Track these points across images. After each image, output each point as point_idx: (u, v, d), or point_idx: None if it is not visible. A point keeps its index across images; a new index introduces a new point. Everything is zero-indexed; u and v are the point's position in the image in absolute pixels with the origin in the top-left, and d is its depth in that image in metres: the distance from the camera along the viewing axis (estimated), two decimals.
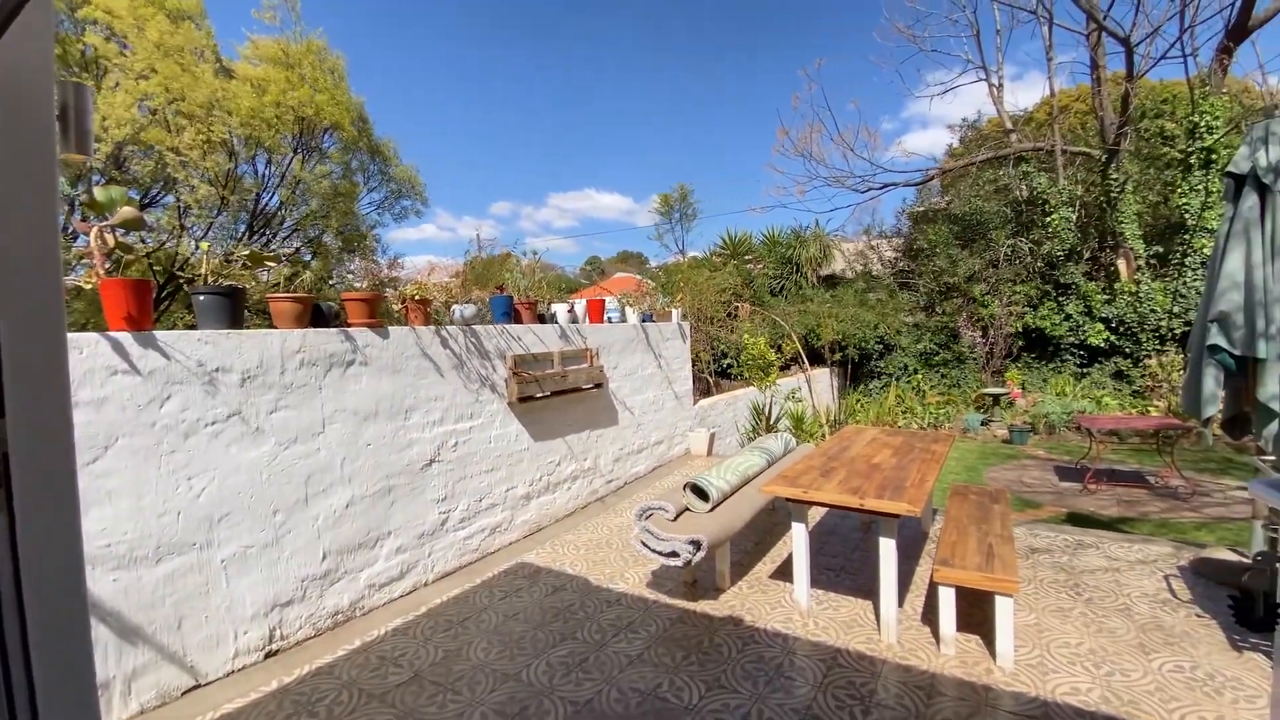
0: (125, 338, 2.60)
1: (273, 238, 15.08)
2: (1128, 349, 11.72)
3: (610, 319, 6.40)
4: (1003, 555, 3.00)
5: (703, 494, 3.65)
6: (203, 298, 2.94)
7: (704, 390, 10.71)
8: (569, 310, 5.52)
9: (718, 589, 3.71)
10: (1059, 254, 12.83)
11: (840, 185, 16.02)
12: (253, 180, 13.96)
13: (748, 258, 18.39)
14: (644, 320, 6.72)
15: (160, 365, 2.69)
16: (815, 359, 13.28)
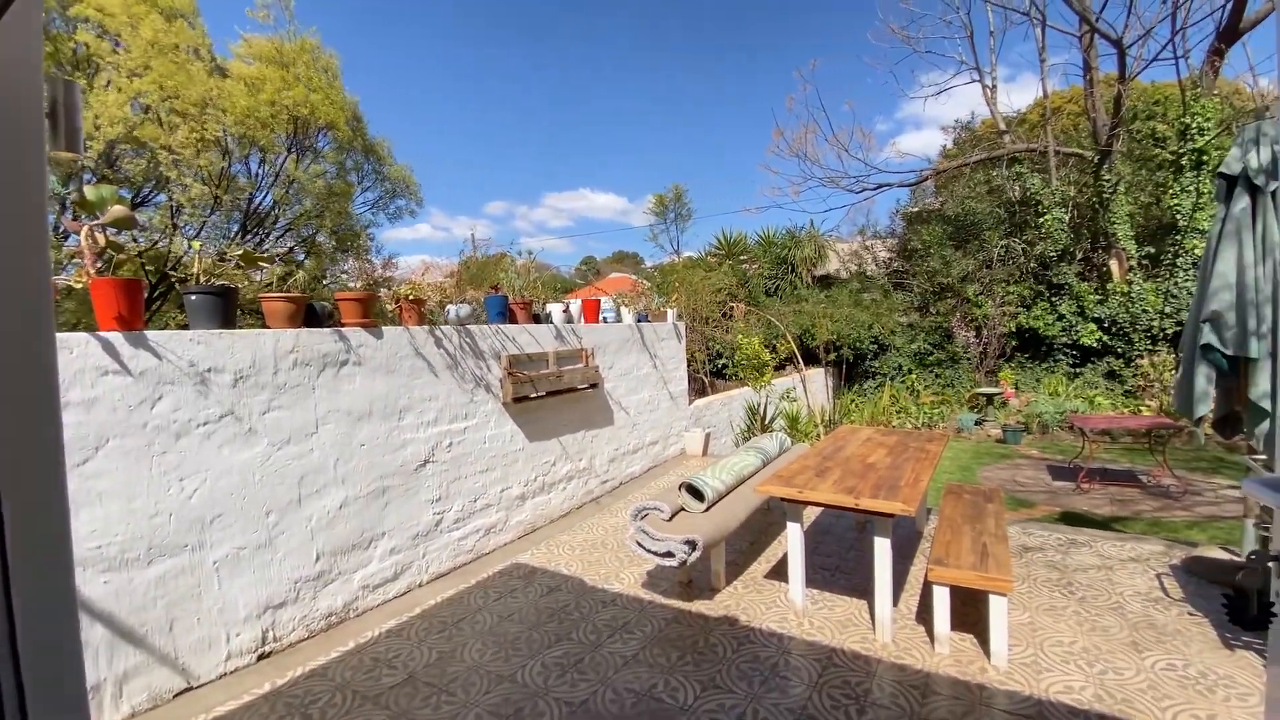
0: (116, 338, 2.58)
1: (266, 237, 15.00)
2: (1120, 349, 11.79)
3: (605, 319, 6.40)
4: (997, 554, 3.01)
5: (698, 494, 3.65)
6: (195, 297, 2.93)
7: (699, 390, 10.72)
8: (564, 310, 5.51)
9: (713, 589, 3.71)
10: (1052, 254, 12.89)
11: (835, 186, 16.05)
12: (246, 179, 13.89)
13: (743, 258, 18.42)
14: (639, 320, 6.71)
15: (151, 365, 2.67)
16: (810, 359, 13.31)
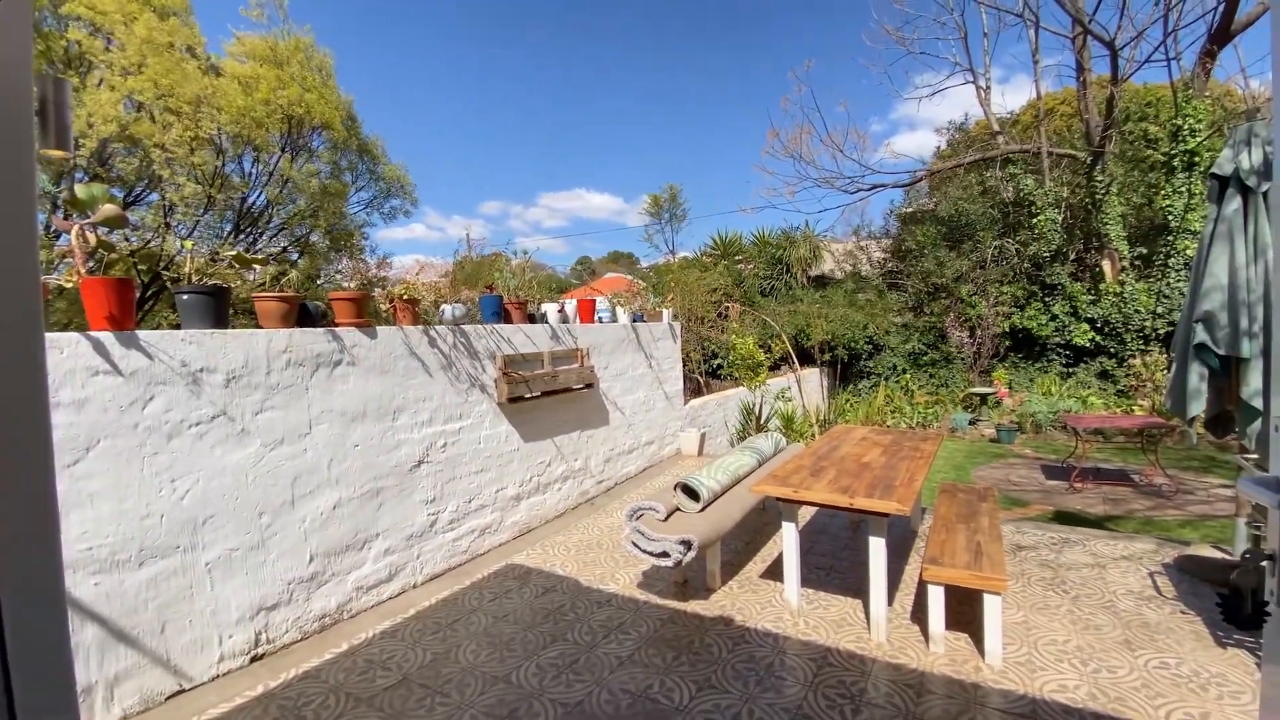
0: (107, 337, 2.56)
1: (259, 237, 14.93)
2: (1112, 349, 11.86)
3: (601, 319, 6.39)
4: (991, 554, 3.02)
5: (693, 494, 3.65)
6: (186, 297, 2.90)
7: (695, 390, 10.72)
8: (559, 310, 5.50)
9: (708, 589, 3.71)
10: (1045, 255, 12.96)
11: (830, 186, 16.13)
12: (240, 179, 13.82)
13: (738, 258, 18.44)
14: (635, 320, 6.70)
15: (143, 365, 2.64)
16: (805, 359, 13.34)
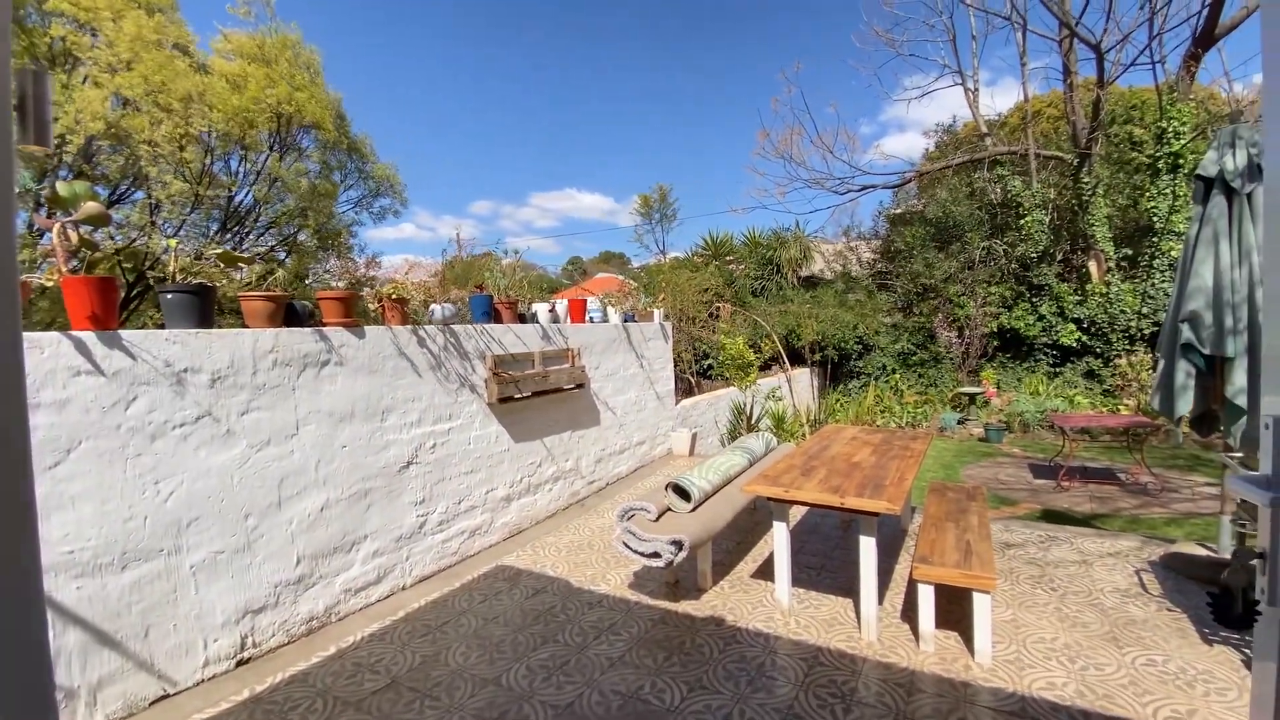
0: (89, 337, 2.51)
1: (246, 236, 14.78)
2: (1099, 349, 11.98)
3: (592, 319, 6.37)
4: (980, 552, 3.04)
5: (685, 494, 3.64)
6: (171, 296, 2.86)
7: (686, 390, 10.73)
8: (550, 310, 5.48)
9: (700, 589, 3.71)
10: (1032, 256, 13.08)
11: (820, 187, 16.20)
12: (227, 177, 13.67)
13: (729, 258, 18.48)
14: (626, 320, 6.69)
15: (126, 365, 2.60)
16: (796, 359, 13.38)
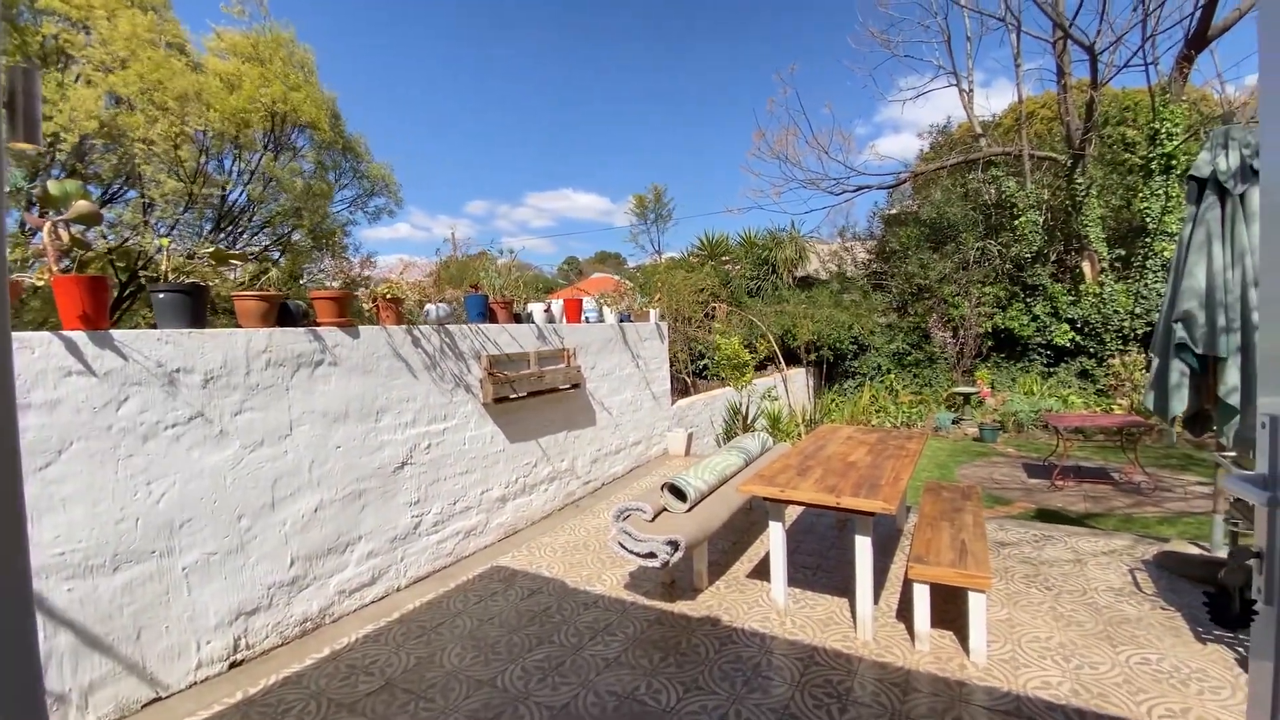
0: (80, 337, 2.49)
1: (240, 235, 14.70)
2: (1092, 349, 12.05)
3: (588, 319, 6.36)
4: (975, 552, 3.04)
5: (680, 494, 3.63)
6: (163, 296, 2.84)
7: (682, 390, 10.73)
8: (545, 310, 5.47)
9: (695, 589, 3.70)
10: (1026, 256, 13.14)
11: (815, 188, 16.21)
12: (221, 176, 13.60)
13: (725, 258, 18.51)
14: (622, 320, 6.68)
15: (117, 366, 2.58)
16: (791, 359, 13.40)
